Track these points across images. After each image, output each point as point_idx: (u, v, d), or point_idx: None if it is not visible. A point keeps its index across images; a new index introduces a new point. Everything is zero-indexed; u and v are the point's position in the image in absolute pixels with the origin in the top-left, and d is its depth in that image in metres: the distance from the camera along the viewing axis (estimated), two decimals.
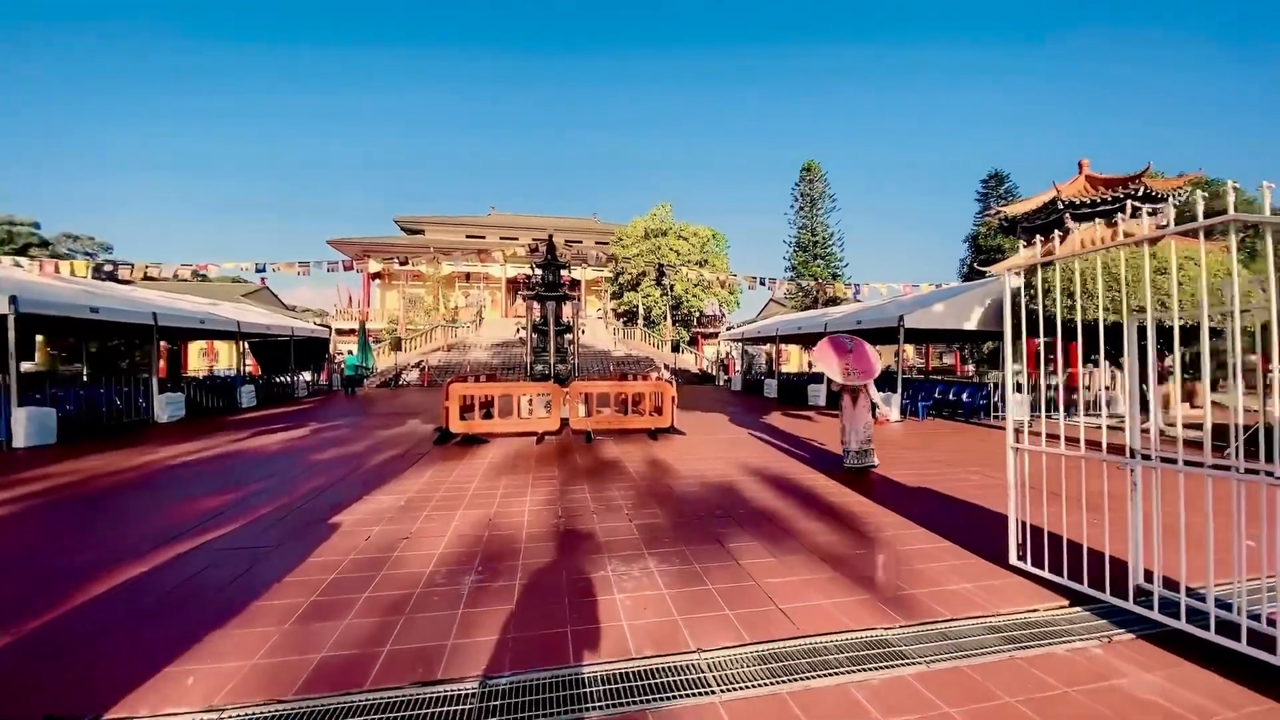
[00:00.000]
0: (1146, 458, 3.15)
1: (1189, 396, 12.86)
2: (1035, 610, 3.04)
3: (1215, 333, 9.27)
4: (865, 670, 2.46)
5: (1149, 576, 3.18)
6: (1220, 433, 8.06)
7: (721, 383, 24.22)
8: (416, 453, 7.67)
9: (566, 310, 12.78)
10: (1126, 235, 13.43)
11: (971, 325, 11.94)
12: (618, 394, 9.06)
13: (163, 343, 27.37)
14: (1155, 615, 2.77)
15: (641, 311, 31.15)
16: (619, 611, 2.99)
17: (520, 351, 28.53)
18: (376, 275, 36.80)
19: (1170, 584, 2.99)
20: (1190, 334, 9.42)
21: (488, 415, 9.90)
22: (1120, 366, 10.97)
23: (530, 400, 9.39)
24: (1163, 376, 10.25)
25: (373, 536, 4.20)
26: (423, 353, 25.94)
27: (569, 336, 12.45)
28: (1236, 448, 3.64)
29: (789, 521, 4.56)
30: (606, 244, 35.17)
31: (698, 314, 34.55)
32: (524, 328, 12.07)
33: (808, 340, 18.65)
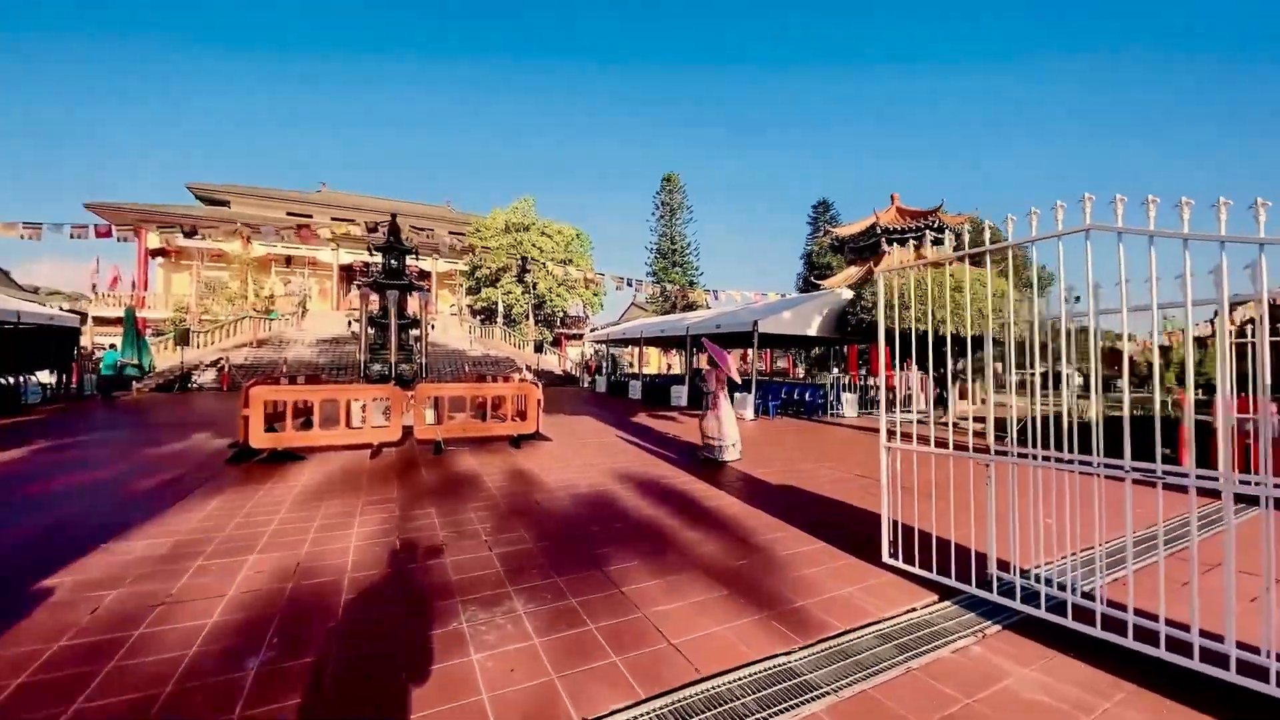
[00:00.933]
0: (1003, 454, 3.36)
1: (967, 394, 15.55)
2: (914, 610, 3.03)
3: (998, 342, 11.26)
4: (778, 713, 2.13)
5: (1002, 565, 3.40)
6: (1000, 425, 9.77)
7: (586, 384, 23.84)
8: (198, 478, 5.92)
9: (413, 302, 11.28)
10: (922, 257, 15.72)
11: (813, 332, 13.12)
12: (475, 397, 8.07)
13: None
14: (1015, 605, 2.90)
15: (501, 309, 29.47)
16: (477, 679, 2.31)
17: (355, 349, 25.10)
18: (160, 252, 29.66)
19: (1010, 569, 3.19)
20: (979, 342, 11.34)
21: (307, 425, 8.18)
22: (927, 370, 12.83)
23: (364, 406, 7.94)
24: (957, 377, 12.22)
25: (105, 606, 2.90)
26: (223, 349, 21.35)
27: (415, 332, 10.98)
28: (1012, 437, 4.11)
29: (670, 534, 4.22)
30: (462, 235, 32.75)
31: (561, 314, 33.82)
32: (358, 320, 10.34)
33: (668, 343, 19.13)
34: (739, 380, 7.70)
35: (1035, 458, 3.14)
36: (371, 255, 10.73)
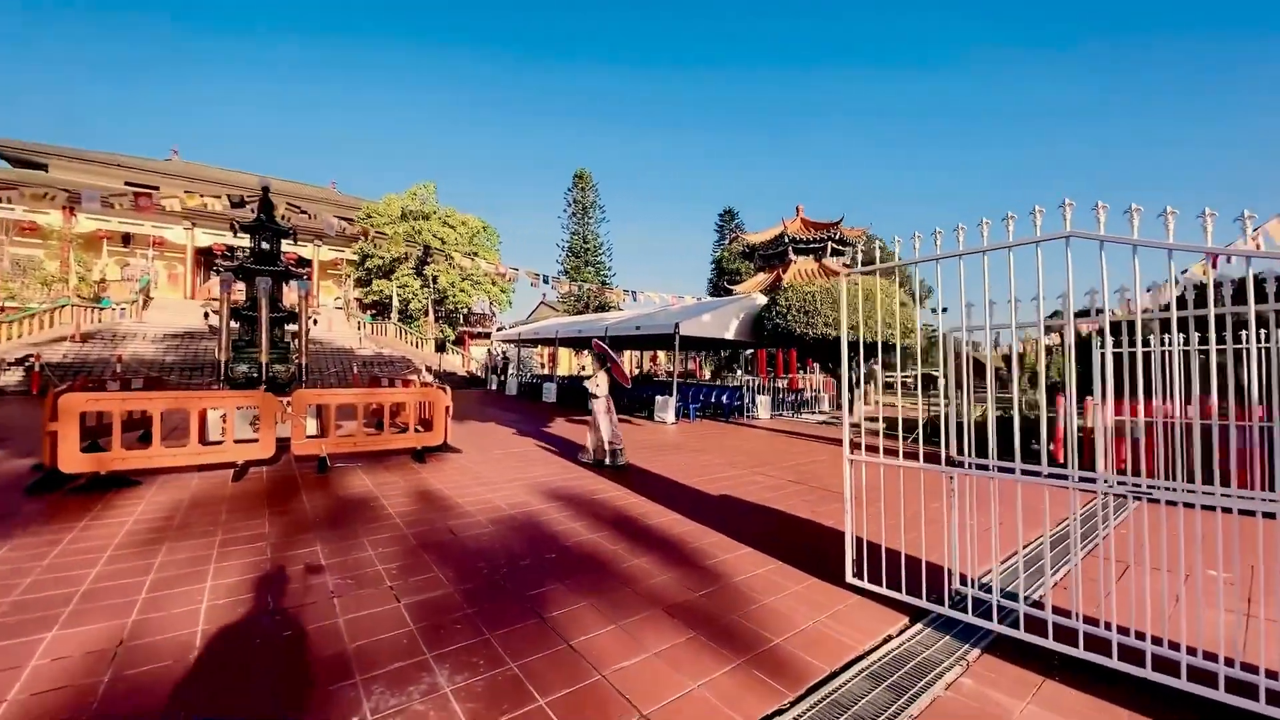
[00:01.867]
0: (960, 465, 3.28)
1: (865, 398, 16.58)
2: (891, 639, 2.82)
3: (901, 347, 11.97)
4: None
5: (964, 580, 3.31)
6: (907, 426, 10.40)
7: (494, 386, 22.46)
8: None
9: (290, 293, 9.72)
10: (829, 271, 16.64)
11: (730, 335, 13.27)
12: (369, 405, 6.98)
13: None
14: (992, 625, 2.78)
15: (396, 304, 27.00)
16: None
17: (214, 346, 21.63)
18: None
19: (968, 582, 3.11)
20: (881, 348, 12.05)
21: (145, 441, 6.60)
22: (831, 373, 13.46)
23: (224, 417, 6.55)
24: (861, 381, 12.95)
25: None
26: (34, 344, 17.30)
27: (293, 328, 9.45)
28: (916, 436, 4.11)
29: (613, 561, 3.73)
30: (351, 221, 29.68)
31: (465, 311, 31.80)
32: (218, 313, 8.67)
33: (583, 344, 18.56)
34: (628, 384, 7.93)
35: (991, 469, 3.09)
36: (236, 236, 9.05)
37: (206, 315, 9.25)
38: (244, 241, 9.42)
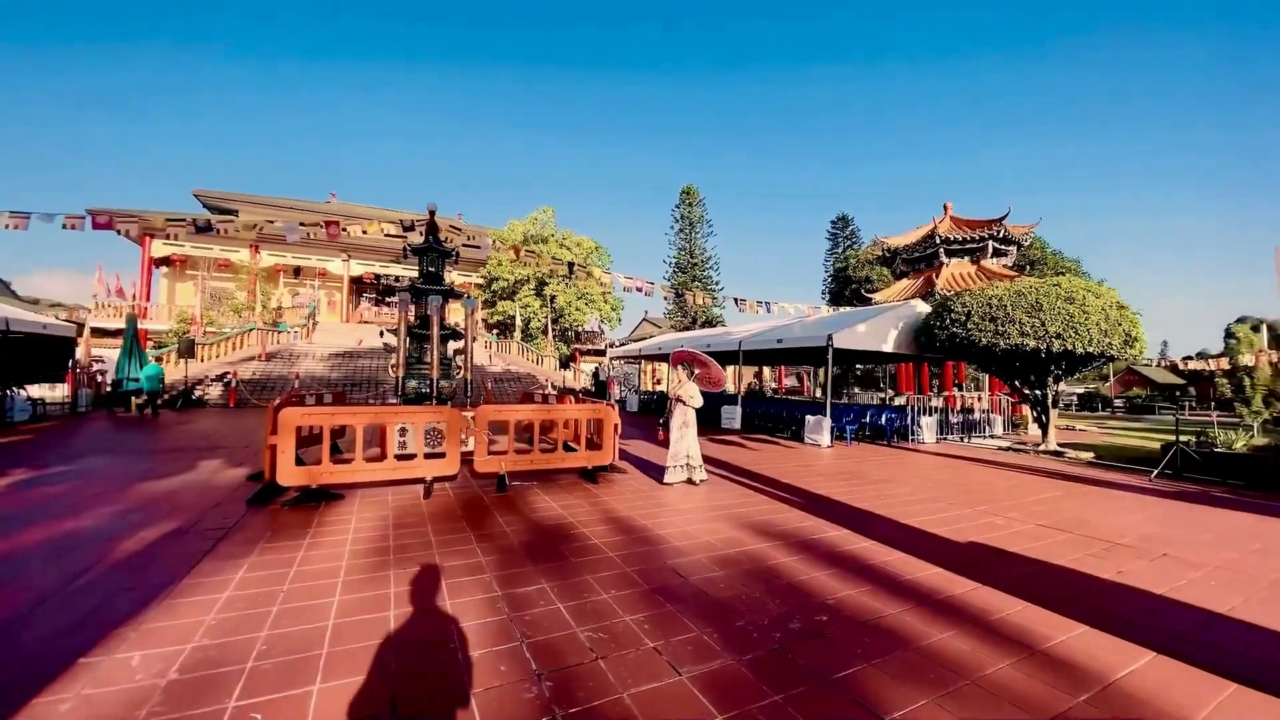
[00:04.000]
0: None
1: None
2: None
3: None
4: None
5: None
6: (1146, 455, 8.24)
7: (612, 402, 22.44)
8: (211, 529, 4.57)
9: (451, 312, 10.03)
10: (990, 273, 14.50)
11: (889, 347, 11.86)
12: (544, 421, 6.77)
13: None
14: None
15: (519, 323, 28.25)
16: None
17: (368, 364, 23.76)
18: (164, 261, 28.53)
19: None
20: (1084, 360, 10.05)
21: (335, 452, 6.86)
22: (1019, 391, 11.51)
23: (403, 432, 6.64)
24: (1050, 402, 10.92)
25: None
26: (229, 363, 20.03)
27: (455, 345, 9.70)
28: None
29: (908, 633, 2.89)
30: (477, 248, 31.73)
31: (578, 329, 32.62)
32: (391, 331, 9.07)
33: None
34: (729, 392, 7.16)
35: None
36: (406, 258, 9.51)
37: (381, 334, 9.78)
38: (394, 269, 9.94)
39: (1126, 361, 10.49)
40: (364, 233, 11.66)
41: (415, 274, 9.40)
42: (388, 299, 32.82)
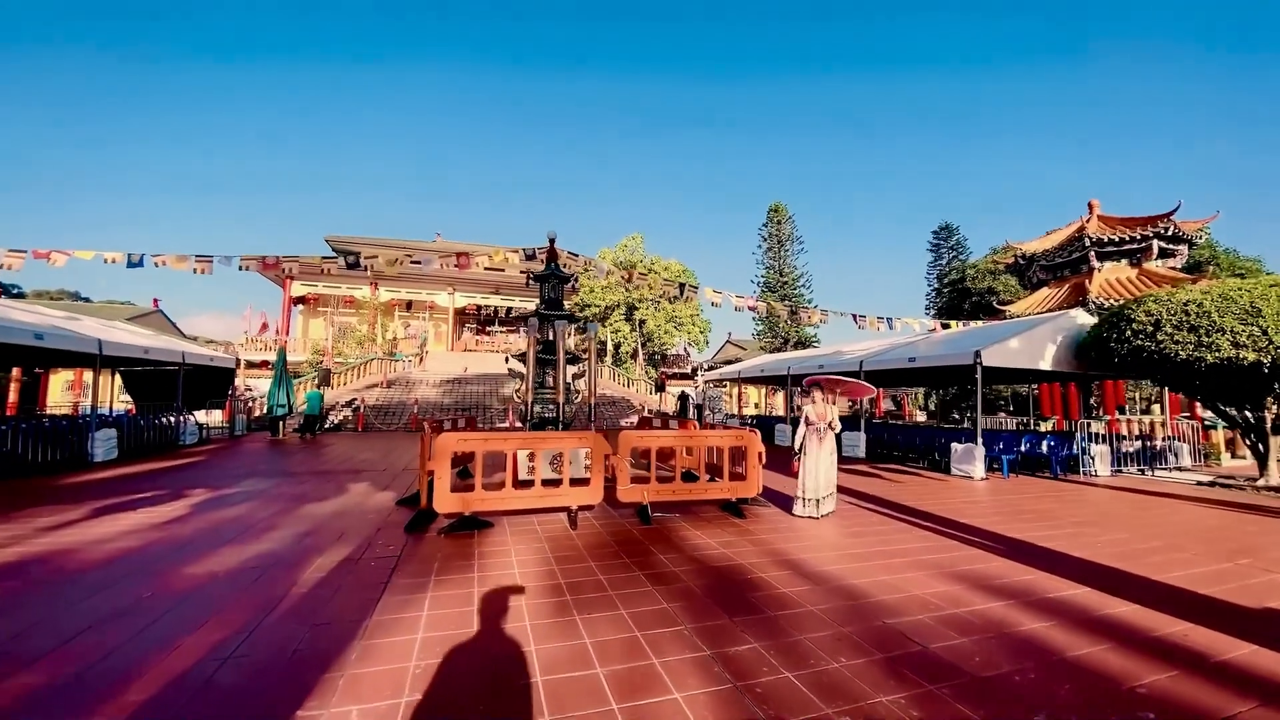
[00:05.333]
0: None
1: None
2: None
3: None
4: None
5: None
6: None
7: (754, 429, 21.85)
8: (379, 556, 4.55)
9: (570, 337, 10.05)
10: (1157, 278, 12.37)
11: (1046, 365, 10.36)
12: (687, 449, 6.39)
13: (15, 369, 21.48)
14: None
15: (610, 348, 28.56)
16: None
17: (475, 389, 24.91)
18: (300, 300, 32.03)
19: None
20: None
21: (464, 475, 6.88)
22: (1224, 414, 9.57)
23: (533, 458, 6.50)
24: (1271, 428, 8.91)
25: None
26: (355, 389, 21.77)
27: (573, 369, 9.66)
28: None
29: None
30: (573, 276, 32.73)
31: (664, 352, 32.46)
32: (517, 356, 9.19)
33: (780, 381, 16.88)
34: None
35: None
36: (529, 286, 9.67)
37: (507, 359, 9.96)
38: (493, 300, 10.12)
39: None
40: (489, 261, 12.15)
41: (512, 304, 9.58)
42: (488, 328, 34.64)
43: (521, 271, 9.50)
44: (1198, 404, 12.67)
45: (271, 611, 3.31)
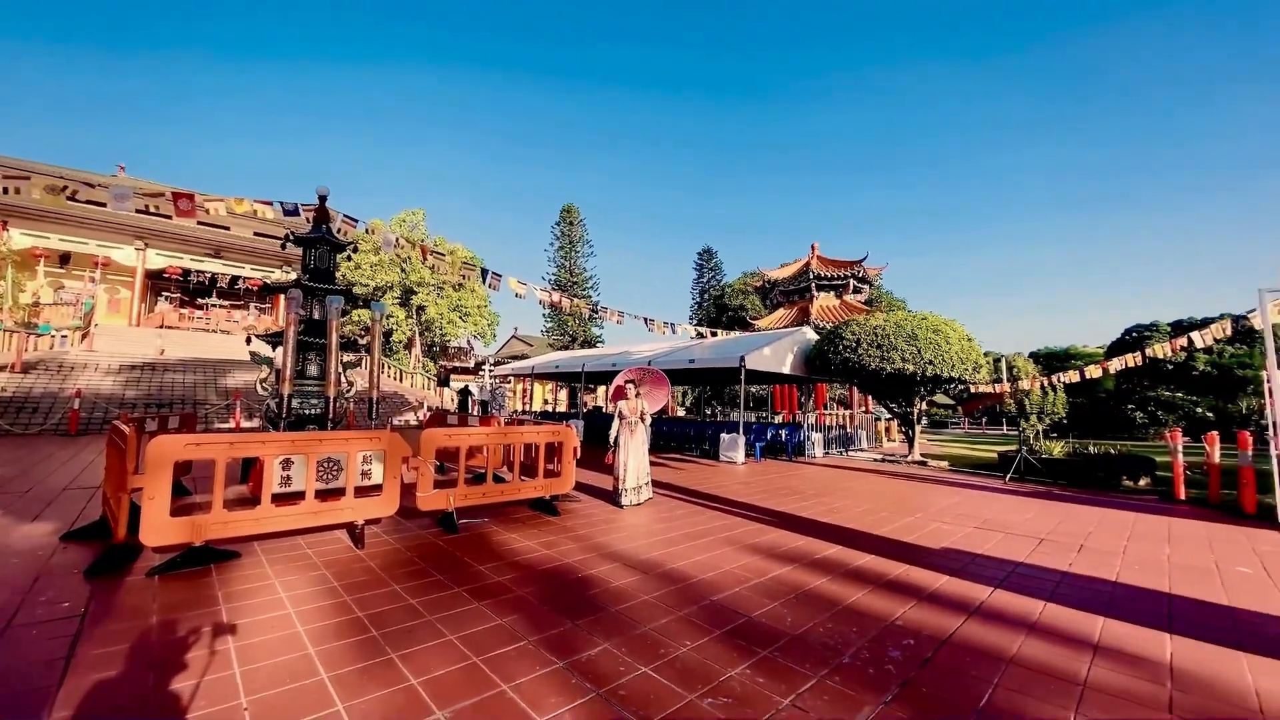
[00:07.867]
0: None
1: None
2: None
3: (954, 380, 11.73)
4: None
5: None
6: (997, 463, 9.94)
7: (569, 424, 20.91)
8: (44, 620, 3.05)
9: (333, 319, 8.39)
10: (852, 308, 16.58)
11: (787, 370, 12.77)
12: (504, 447, 5.84)
13: None
14: None
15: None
16: None
17: (178, 379, 18.99)
18: None
19: None
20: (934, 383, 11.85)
21: (179, 493, 5.16)
22: (891, 409, 13.13)
23: (284, 464, 5.24)
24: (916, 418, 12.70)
25: None
26: None
27: (350, 358, 8.10)
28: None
29: (994, 642, 2.91)
30: (351, 244, 27.70)
31: (445, 344, 30.07)
32: (264, 335, 7.34)
33: (569, 378, 17.61)
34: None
35: None
36: (286, 247, 7.77)
37: (249, 340, 7.82)
38: (210, 265, 8.11)
39: (975, 385, 12.62)
40: (228, 210, 9.27)
41: (241, 271, 7.74)
42: (201, 300, 26.90)
43: (285, 234, 7.59)
44: (869, 399, 17.28)
45: None
